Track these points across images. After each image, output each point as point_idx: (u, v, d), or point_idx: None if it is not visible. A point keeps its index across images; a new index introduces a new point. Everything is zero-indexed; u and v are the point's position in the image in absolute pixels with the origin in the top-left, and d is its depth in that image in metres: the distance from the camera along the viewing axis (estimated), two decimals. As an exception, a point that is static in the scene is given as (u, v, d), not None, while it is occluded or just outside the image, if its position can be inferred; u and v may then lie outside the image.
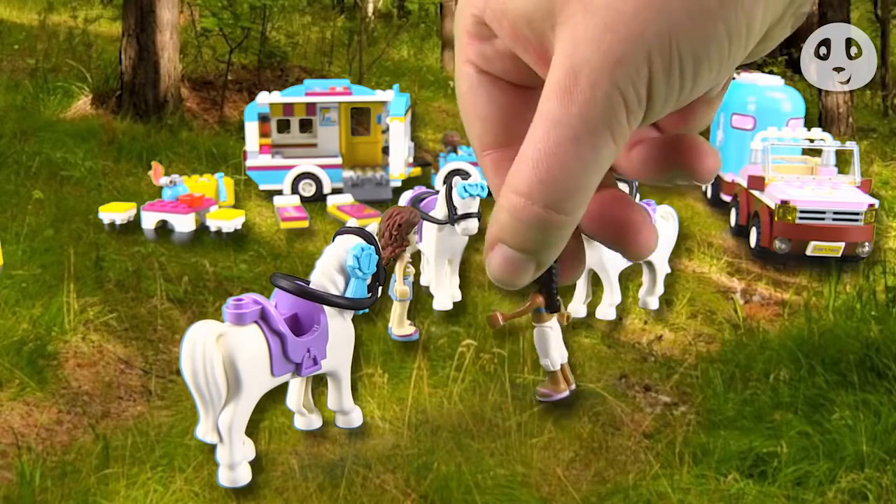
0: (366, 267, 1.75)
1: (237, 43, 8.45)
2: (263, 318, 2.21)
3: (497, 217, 0.37)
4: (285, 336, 2.17)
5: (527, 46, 0.36)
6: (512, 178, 0.35)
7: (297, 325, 1.57)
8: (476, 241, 4.37)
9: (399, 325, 4.02)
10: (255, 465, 3.10)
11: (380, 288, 1.94)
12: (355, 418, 0.95)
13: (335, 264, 1.52)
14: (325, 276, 1.85)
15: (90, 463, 3.12)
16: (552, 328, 0.82)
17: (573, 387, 1.21)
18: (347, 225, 2.73)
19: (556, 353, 0.96)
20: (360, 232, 2.27)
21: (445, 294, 4.39)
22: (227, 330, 2.17)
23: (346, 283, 1.06)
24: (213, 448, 3.21)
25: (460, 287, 4.54)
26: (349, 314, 1.27)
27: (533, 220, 0.35)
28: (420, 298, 3.88)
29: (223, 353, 2.00)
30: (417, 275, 4.01)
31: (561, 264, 0.42)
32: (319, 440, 3.23)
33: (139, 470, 3.07)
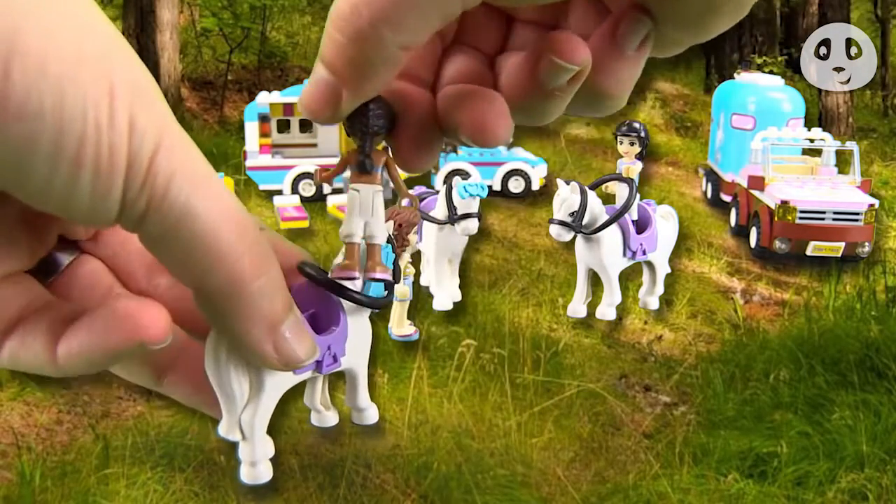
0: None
1: (237, 43, 8.45)
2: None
3: None
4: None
5: None
6: None
7: (315, 323, 1.58)
8: (476, 241, 4.37)
9: (399, 325, 4.02)
10: (255, 465, 3.11)
11: (394, 286, 1.94)
12: (371, 415, 0.94)
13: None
14: None
15: (90, 463, 3.12)
16: (359, 192, 0.70)
17: (378, 275, 0.98)
18: None
19: (356, 223, 0.81)
20: None
21: (445, 294, 4.39)
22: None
23: (364, 281, 1.05)
24: (212, 448, 3.21)
25: (460, 287, 4.54)
26: (367, 312, 1.26)
27: (344, 27, 0.32)
28: (420, 298, 3.88)
29: None
30: (417, 275, 4.02)
31: (399, 135, 0.38)
32: (319, 440, 3.23)
33: (139, 470, 3.07)
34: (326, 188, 6.29)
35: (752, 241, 5.72)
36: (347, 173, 0.48)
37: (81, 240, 0.42)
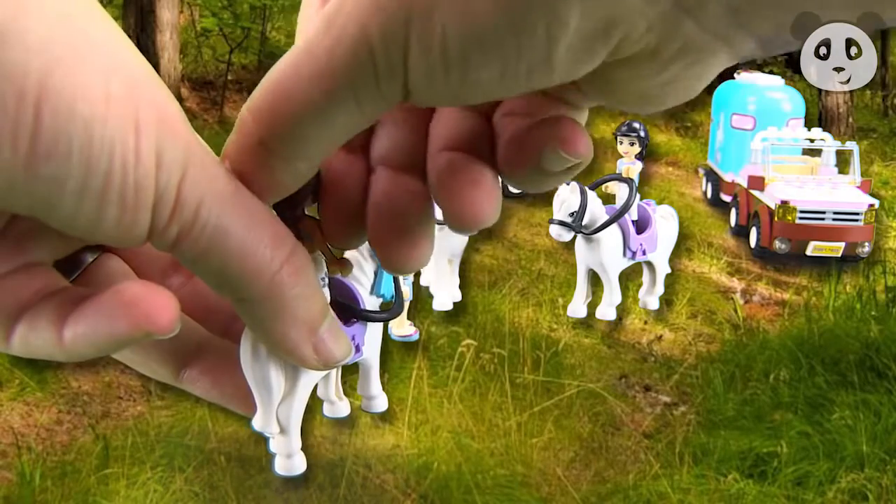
0: None
1: (237, 43, 8.45)
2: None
3: None
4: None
5: None
6: (258, 87, 0.31)
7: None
8: (476, 241, 4.38)
9: (399, 325, 4.03)
10: (255, 465, 3.10)
11: (402, 281, 1.93)
12: (381, 403, 0.93)
13: (364, 254, 1.51)
14: (355, 265, 1.84)
15: (90, 463, 3.12)
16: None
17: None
18: None
19: None
20: None
21: (445, 294, 4.39)
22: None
23: (375, 272, 1.02)
24: (212, 448, 3.21)
25: (460, 287, 4.54)
26: (378, 302, 1.25)
27: (243, 142, 0.32)
28: (420, 298, 3.88)
29: None
30: (417, 275, 4.02)
31: (323, 210, 0.38)
32: (319, 440, 3.23)
33: (139, 470, 3.07)
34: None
35: (752, 241, 5.71)
36: None
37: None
